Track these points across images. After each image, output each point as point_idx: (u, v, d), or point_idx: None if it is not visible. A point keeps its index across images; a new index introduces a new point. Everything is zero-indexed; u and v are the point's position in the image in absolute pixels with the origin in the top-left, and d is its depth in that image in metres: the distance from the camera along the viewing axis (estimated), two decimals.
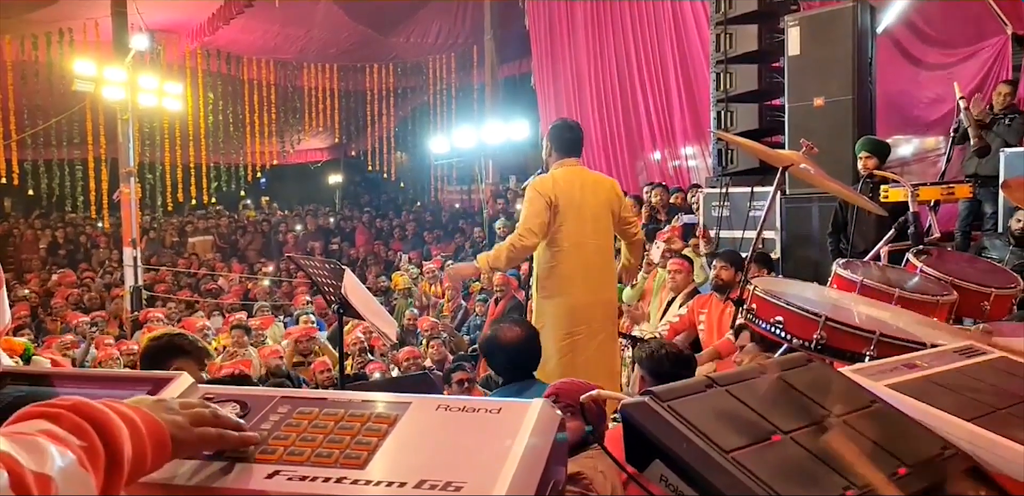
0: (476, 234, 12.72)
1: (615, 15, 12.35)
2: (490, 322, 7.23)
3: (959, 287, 2.33)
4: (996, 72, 7.42)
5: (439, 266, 9.95)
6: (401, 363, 6.18)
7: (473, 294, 8.50)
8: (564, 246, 3.95)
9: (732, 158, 7.43)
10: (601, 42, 12.74)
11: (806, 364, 1.16)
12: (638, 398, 1.01)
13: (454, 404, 0.95)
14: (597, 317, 4.03)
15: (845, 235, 5.51)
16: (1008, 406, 1.21)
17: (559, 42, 13.82)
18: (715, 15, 7.91)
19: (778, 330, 1.87)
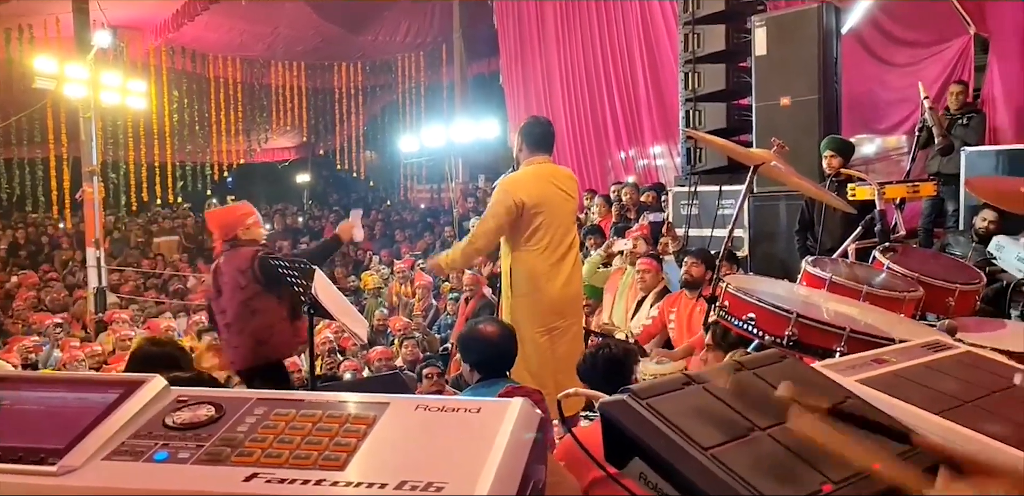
0: (446, 233, 12.69)
1: (583, 14, 12.40)
2: (461, 321, 7.22)
3: (924, 283, 2.37)
4: (959, 72, 7.57)
5: (409, 266, 9.91)
6: (373, 363, 6.15)
7: (444, 293, 8.48)
8: (541, 245, 3.98)
9: (700, 157, 7.50)
10: (570, 41, 12.78)
11: (780, 360, 1.17)
12: (617, 396, 1.01)
13: (433, 404, 0.95)
14: (569, 310, 4.10)
15: (812, 233, 5.58)
16: (975, 399, 1.24)
17: (528, 40, 13.85)
18: (683, 15, 7.97)
19: (750, 327, 1.89)
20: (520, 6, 13.94)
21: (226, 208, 4.83)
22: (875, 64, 8.16)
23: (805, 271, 2.41)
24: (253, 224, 4.50)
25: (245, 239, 4.41)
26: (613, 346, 2.88)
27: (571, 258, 4.13)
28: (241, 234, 4.41)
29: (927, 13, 7.80)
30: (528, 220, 4.00)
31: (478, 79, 16.81)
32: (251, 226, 4.47)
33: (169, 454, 0.90)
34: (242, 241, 4.39)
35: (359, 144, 19.05)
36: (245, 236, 4.42)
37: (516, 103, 14.29)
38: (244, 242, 4.39)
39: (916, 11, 7.88)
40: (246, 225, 4.44)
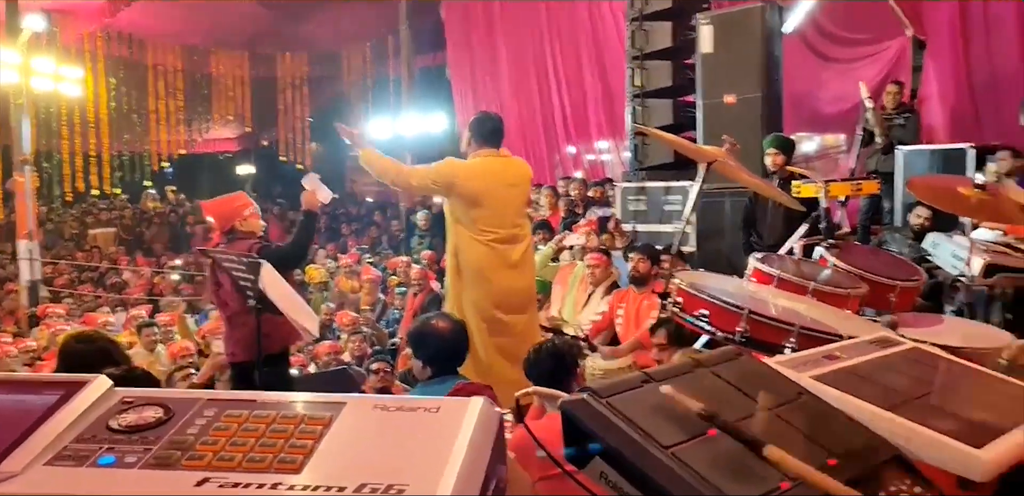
0: (394, 227, 12.59)
1: (531, 9, 12.40)
2: (409, 316, 7.18)
3: (868, 280, 2.43)
4: (896, 73, 7.78)
5: (355, 260, 9.80)
6: (320, 358, 6.06)
7: (391, 288, 8.42)
8: (485, 237, 3.96)
9: (647, 153, 7.57)
10: (517, 35, 12.78)
11: (736, 358, 1.18)
12: (578, 395, 1.01)
13: (391, 403, 0.93)
14: (516, 304, 4.07)
15: (756, 229, 5.68)
16: (923, 395, 1.27)
17: (475, 34, 13.80)
18: (630, 11, 8.02)
19: (703, 323, 1.91)
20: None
21: (223, 198, 4.72)
22: (816, 63, 8.34)
23: (754, 268, 2.45)
24: (251, 216, 4.43)
25: (243, 231, 4.35)
26: (557, 341, 2.90)
27: (518, 251, 4.12)
28: (239, 225, 4.35)
29: (867, 14, 8.00)
30: (467, 209, 3.99)
31: (425, 72, 16.69)
32: (249, 217, 4.40)
33: (115, 458, 0.86)
34: (240, 233, 4.33)
35: (304, 136, 18.75)
36: (243, 227, 4.36)
37: (464, 96, 14.23)
38: (242, 234, 4.33)
39: (856, 12, 8.07)
40: (243, 216, 4.38)
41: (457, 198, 4.00)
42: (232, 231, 4.33)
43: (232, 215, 4.37)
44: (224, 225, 4.36)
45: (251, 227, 4.39)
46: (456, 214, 4.04)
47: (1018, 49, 7.11)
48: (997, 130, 7.21)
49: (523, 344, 4.05)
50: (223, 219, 4.38)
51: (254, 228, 4.41)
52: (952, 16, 7.43)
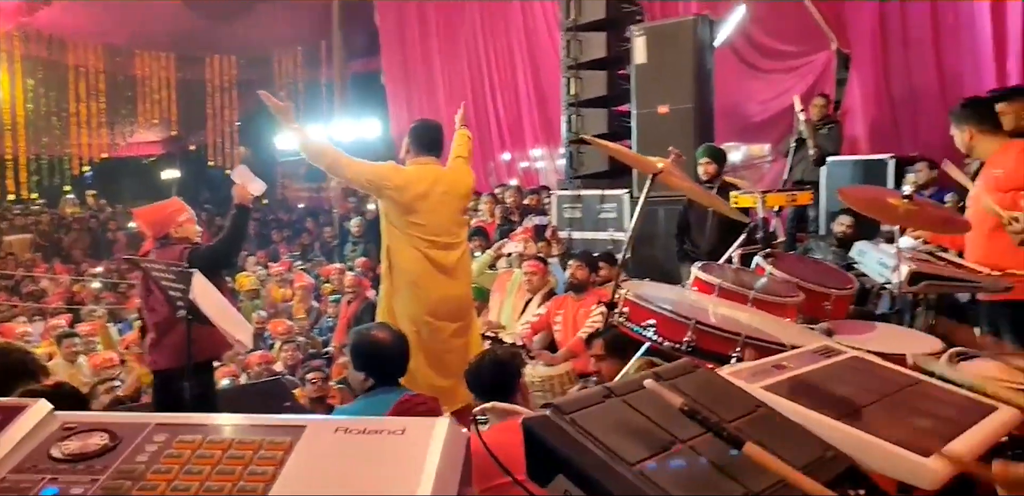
0: (326, 233, 12.39)
1: (466, 16, 12.42)
2: (343, 324, 7.08)
3: (803, 288, 2.49)
4: (822, 85, 8.04)
5: (287, 267, 9.61)
6: (251, 368, 5.92)
7: (324, 295, 8.28)
8: (416, 239, 3.91)
9: (583, 161, 7.64)
10: (453, 42, 12.77)
11: (694, 370, 1.19)
12: (540, 412, 1.00)
13: (353, 426, 0.90)
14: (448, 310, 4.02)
15: (689, 237, 5.78)
16: (869, 403, 1.30)
17: (410, 40, 13.74)
18: (565, 21, 8.08)
19: (650, 333, 1.93)
20: (402, 5, 13.81)
21: (156, 205, 4.58)
22: (746, 75, 8.56)
23: (696, 277, 2.49)
24: (186, 221, 4.31)
25: (177, 237, 4.24)
26: (499, 351, 2.87)
27: (453, 258, 4.05)
28: (174, 232, 4.24)
29: (796, 28, 8.25)
30: (400, 214, 3.93)
31: (359, 77, 16.53)
32: (184, 223, 4.29)
33: (59, 490, 0.81)
34: (174, 240, 4.22)
35: (232, 140, 18.34)
36: (178, 234, 4.25)
37: (398, 102, 14.15)
38: (176, 240, 4.23)
39: (786, 26, 8.31)
40: (178, 222, 4.27)
41: (391, 202, 3.94)
42: (166, 238, 4.21)
43: (166, 222, 4.26)
44: (158, 232, 4.24)
45: (186, 233, 4.27)
46: (390, 218, 3.98)
47: (935, 64, 7.42)
48: (915, 142, 7.52)
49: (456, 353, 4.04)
50: (156, 226, 4.26)
51: (189, 234, 4.29)
52: (873, 31, 7.72)
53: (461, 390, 3.93)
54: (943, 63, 7.39)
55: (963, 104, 3.62)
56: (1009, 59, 6.81)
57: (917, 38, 7.51)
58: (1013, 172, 3.25)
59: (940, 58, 7.40)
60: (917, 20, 7.47)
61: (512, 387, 2.63)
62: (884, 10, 7.62)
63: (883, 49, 7.70)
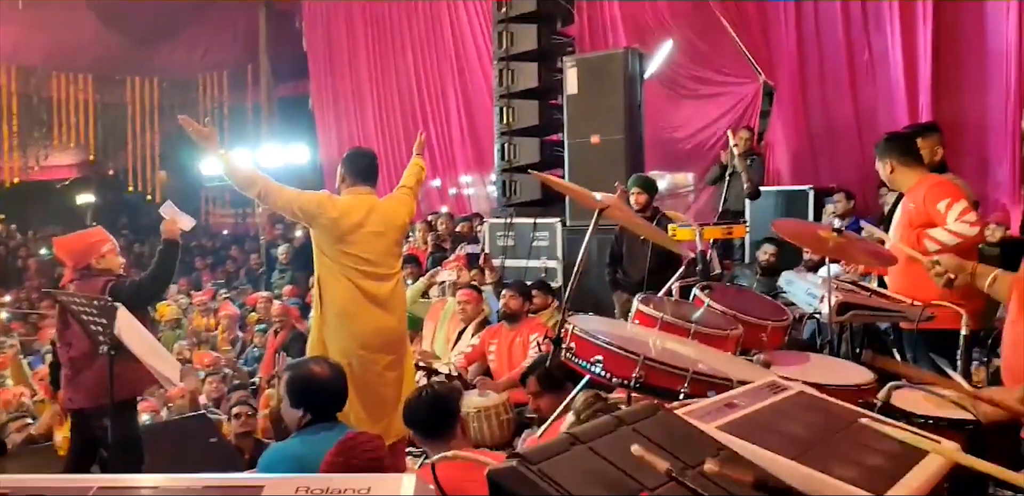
0: (252, 261, 12.10)
1: (396, 41, 12.45)
2: (270, 354, 6.91)
3: (741, 320, 2.54)
4: (748, 117, 8.31)
5: (211, 296, 9.33)
6: (174, 401, 5.69)
7: (250, 325, 8.06)
8: (349, 269, 3.84)
9: (516, 189, 7.68)
10: (382, 68, 12.76)
11: (655, 413, 1.19)
12: (507, 462, 0.98)
13: (315, 484, 0.86)
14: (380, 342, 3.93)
15: (621, 266, 5.86)
16: (820, 442, 1.33)
17: (339, 65, 13.68)
18: (497, 51, 8.16)
19: (598, 369, 1.93)
20: (330, 29, 13.77)
21: (77, 235, 4.38)
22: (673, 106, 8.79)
23: (638, 309, 2.51)
24: (109, 252, 4.16)
25: (99, 268, 4.07)
26: (437, 386, 2.84)
27: (386, 289, 3.97)
28: (95, 263, 4.08)
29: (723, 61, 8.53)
30: (333, 243, 3.85)
31: (286, 101, 16.34)
32: (107, 254, 4.14)
33: None
34: (96, 270, 4.06)
35: (153, 164, 17.82)
36: (100, 265, 4.09)
37: (327, 128, 14.02)
38: (98, 271, 4.06)
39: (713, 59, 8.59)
40: (101, 253, 4.11)
41: (323, 232, 3.86)
42: (87, 269, 4.04)
43: (88, 252, 4.09)
44: (79, 263, 4.06)
45: (109, 265, 4.11)
46: (322, 247, 3.89)
47: (851, 99, 7.76)
48: (833, 173, 7.83)
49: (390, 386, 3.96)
50: (78, 256, 4.08)
51: (112, 266, 4.13)
52: (792, 66, 8.04)
53: (396, 424, 3.86)
54: (858, 98, 7.74)
55: (886, 138, 3.78)
56: (920, 95, 7.18)
57: (834, 73, 7.85)
58: (922, 207, 3.42)
59: (856, 93, 7.74)
60: (833, 56, 7.82)
61: (451, 423, 2.60)
62: (803, 46, 7.94)
63: (802, 83, 8.03)
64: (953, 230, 3.37)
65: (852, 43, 7.67)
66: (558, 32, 8.27)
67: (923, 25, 7.10)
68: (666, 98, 8.61)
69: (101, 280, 3.98)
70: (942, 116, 6.64)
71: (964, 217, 3.39)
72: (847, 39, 7.68)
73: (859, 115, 7.74)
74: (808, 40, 7.93)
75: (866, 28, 7.57)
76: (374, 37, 12.85)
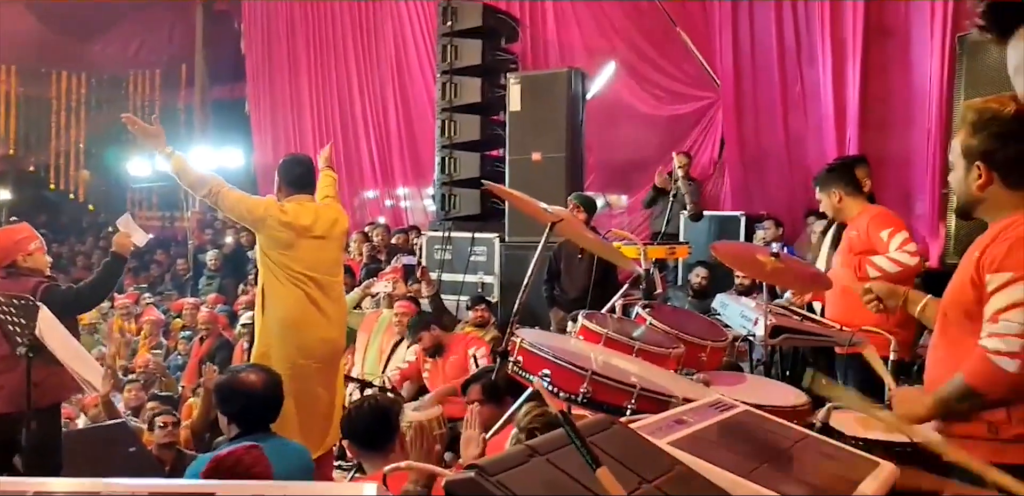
0: (179, 266, 11.73)
1: (339, 49, 12.33)
2: (194, 362, 6.70)
3: (682, 339, 2.57)
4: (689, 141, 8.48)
5: (134, 300, 9.01)
6: (90, 409, 5.44)
7: (174, 331, 7.81)
8: (298, 277, 3.79)
9: (455, 203, 7.65)
10: (322, 75, 12.62)
11: (610, 426, 1.19)
12: (465, 473, 0.96)
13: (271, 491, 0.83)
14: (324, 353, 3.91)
15: (558, 282, 5.89)
16: (768, 459, 1.34)
17: (278, 69, 13.47)
18: (441, 64, 8.14)
19: (545, 383, 1.92)
20: (270, 32, 13.56)
21: (2, 230, 4.16)
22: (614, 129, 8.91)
23: (583, 325, 2.52)
24: (36, 250, 3.97)
25: (25, 267, 3.87)
26: (379, 398, 2.80)
27: (331, 300, 3.96)
28: (22, 261, 3.88)
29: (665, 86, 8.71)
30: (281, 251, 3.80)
31: (220, 104, 15.99)
32: (34, 252, 3.95)
33: None
34: (22, 269, 3.85)
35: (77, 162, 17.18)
36: (26, 263, 3.89)
37: (263, 133, 13.77)
38: (24, 270, 3.86)
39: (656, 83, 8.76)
40: (28, 251, 3.91)
41: (272, 239, 3.79)
42: (12, 266, 3.85)
43: (14, 249, 3.91)
44: (3, 260, 3.86)
45: (36, 263, 3.93)
46: (270, 255, 3.83)
47: (782, 128, 7.99)
48: (763, 201, 8.04)
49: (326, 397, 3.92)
50: (2, 253, 3.88)
51: (39, 265, 3.95)
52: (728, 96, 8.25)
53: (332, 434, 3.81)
54: (789, 128, 7.98)
55: (830, 169, 3.87)
56: (848, 127, 7.44)
57: (768, 104, 8.08)
58: (864, 235, 3.54)
59: (787, 124, 7.98)
60: (767, 87, 8.05)
61: (391, 436, 2.56)
62: (739, 75, 8.16)
63: (737, 112, 8.23)
64: (894, 258, 3.49)
65: (786, 75, 7.91)
66: (502, 48, 8.31)
67: (852, 61, 7.36)
68: (606, 120, 8.73)
69: (31, 281, 3.82)
70: (868, 149, 6.87)
71: (905, 247, 3.51)
72: (781, 71, 7.91)
73: (789, 145, 7.97)
74: (744, 70, 8.15)
75: (799, 61, 7.81)
76: (315, 43, 12.71)
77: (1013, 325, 1.69)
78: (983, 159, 1.85)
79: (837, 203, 3.71)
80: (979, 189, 1.87)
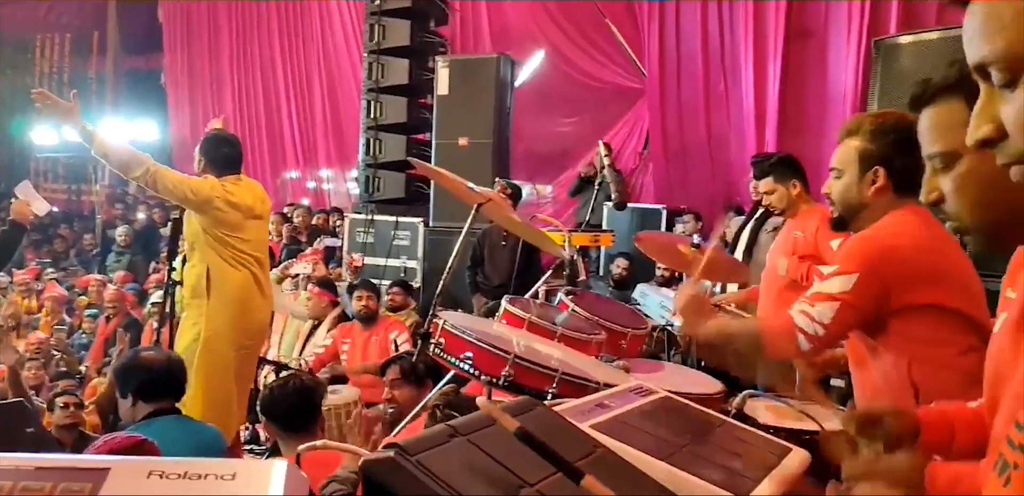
0: (86, 241, 11.22)
1: (262, 24, 12.00)
2: (100, 342, 6.45)
3: (603, 326, 2.59)
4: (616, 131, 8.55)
5: (34, 275, 8.57)
6: None
7: (79, 309, 7.47)
8: (246, 258, 3.72)
9: (380, 186, 7.54)
10: (245, 49, 12.27)
11: (534, 408, 1.17)
12: (383, 452, 0.93)
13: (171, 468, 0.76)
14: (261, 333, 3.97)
15: (482, 269, 5.87)
16: (687, 444, 1.35)
17: (197, 42, 13.02)
18: (368, 43, 7.97)
19: (467, 366, 1.90)
20: (190, 3, 13.07)
21: None
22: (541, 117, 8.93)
23: (505, 310, 2.51)
24: None
25: None
26: (304, 378, 2.75)
27: (265, 279, 3.96)
28: None
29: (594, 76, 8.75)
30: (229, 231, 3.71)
31: (134, 75, 15.35)
32: None
33: None
34: None
35: None
36: None
37: (180, 107, 13.30)
38: None
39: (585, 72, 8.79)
40: None
41: (215, 219, 3.66)
42: None
43: None
44: None
45: None
46: (215, 234, 3.69)
47: (704, 126, 8.15)
48: (684, 195, 8.19)
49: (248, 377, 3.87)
50: None
51: None
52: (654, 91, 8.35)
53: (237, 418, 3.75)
54: (712, 125, 8.13)
55: (787, 159, 3.65)
56: (768, 126, 7.64)
57: (691, 100, 8.21)
58: (812, 238, 3.43)
59: (709, 121, 8.13)
60: (690, 83, 8.18)
61: (314, 417, 2.51)
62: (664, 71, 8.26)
63: (661, 108, 8.34)
64: None
65: (710, 73, 8.05)
66: (431, 31, 8.20)
67: (773, 61, 7.53)
68: (534, 108, 8.73)
69: None
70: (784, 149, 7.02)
71: None
72: (705, 69, 8.04)
73: (711, 141, 8.13)
74: (669, 67, 8.24)
75: (723, 60, 7.96)
76: (237, 15, 12.32)
77: (825, 314, 1.74)
78: (883, 164, 1.85)
79: (796, 195, 3.51)
80: (874, 194, 1.86)
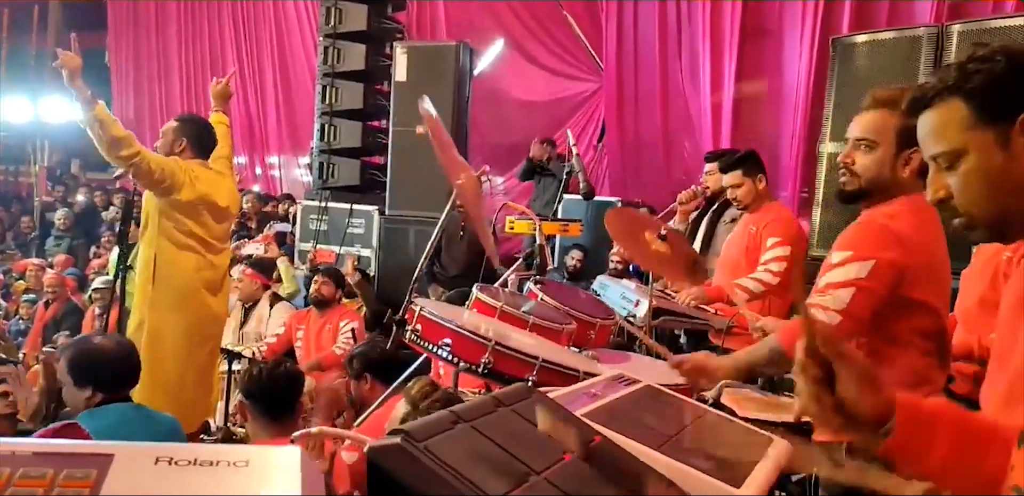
0: (23, 224, 10.82)
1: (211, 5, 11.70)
2: (38, 327, 6.24)
3: (573, 316, 2.58)
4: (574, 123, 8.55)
5: None
6: None
7: (16, 293, 7.21)
8: (202, 245, 3.65)
9: (334, 172, 7.41)
10: (195, 30, 11.96)
11: (530, 395, 1.15)
12: (389, 439, 0.90)
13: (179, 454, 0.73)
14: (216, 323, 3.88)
15: (439, 259, 5.83)
16: (677, 433, 1.35)
17: (144, 22, 12.64)
18: (324, 27, 7.81)
19: (445, 352, 1.87)
20: None
21: None
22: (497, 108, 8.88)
23: (476, 298, 2.48)
24: None
25: None
26: (289, 365, 2.70)
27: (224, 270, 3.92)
28: None
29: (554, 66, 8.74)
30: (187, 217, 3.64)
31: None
32: None
33: None
34: None
35: None
36: None
37: (124, 87, 12.90)
38: None
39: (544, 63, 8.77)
40: None
41: (176, 203, 3.57)
42: None
43: None
44: None
45: None
46: (174, 218, 3.61)
47: (661, 121, 8.21)
48: (638, 188, 8.24)
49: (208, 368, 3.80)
50: None
51: None
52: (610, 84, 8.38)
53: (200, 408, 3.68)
54: (668, 120, 8.20)
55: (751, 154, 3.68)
56: (723, 123, 7.73)
57: (647, 95, 8.26)
58: (758, 235, 3.48)
59: (666, 115, 8.19)
60: (648, 78, 8.22)
61: (295, 405, 2.47)
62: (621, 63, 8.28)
63: (618, 101, 8.38)
64: (758, 278, 3.38)
65: (667, 68, 8.09)
66: (388, 17, 8.07)
67: (729, 59, 7.61)
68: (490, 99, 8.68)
69: None
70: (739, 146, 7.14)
71: (771, 265, 3.38)
72: (663, 64, 8.09)
73: (667, 136, 8.19)
74: (626, 62, 8.27)
75: (680, 56, 8.02)
76: None
77: (842, 299, 1.75)
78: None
79: (761, 190, 3.56)
80: (909, 174, 1.81)
